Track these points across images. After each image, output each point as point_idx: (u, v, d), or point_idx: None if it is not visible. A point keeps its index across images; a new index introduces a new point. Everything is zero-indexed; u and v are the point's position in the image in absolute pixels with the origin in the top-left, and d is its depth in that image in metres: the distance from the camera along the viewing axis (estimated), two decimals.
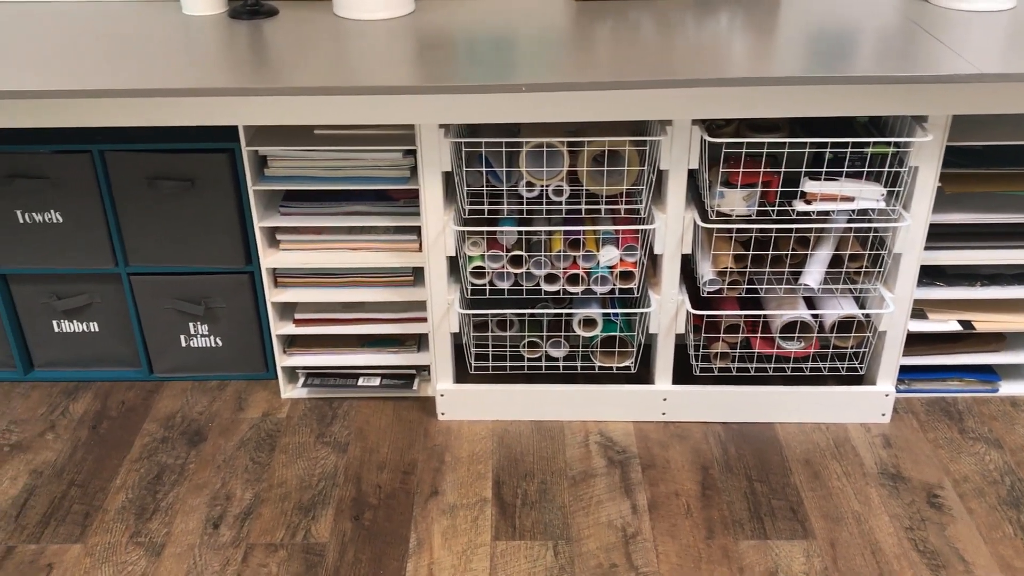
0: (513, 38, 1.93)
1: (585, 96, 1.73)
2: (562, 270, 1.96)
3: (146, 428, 2.12)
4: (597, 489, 1.94)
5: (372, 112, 1.77)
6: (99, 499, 1.94)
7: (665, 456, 2.02)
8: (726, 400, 2.09)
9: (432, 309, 2.05)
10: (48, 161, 2.02)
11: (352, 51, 1.88)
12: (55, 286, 2.18)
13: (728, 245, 1.94)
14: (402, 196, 2.08)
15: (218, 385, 2.26)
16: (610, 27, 1.98)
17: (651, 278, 2.04)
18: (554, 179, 1.89)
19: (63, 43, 1.93)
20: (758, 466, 1.99)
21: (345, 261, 2.07)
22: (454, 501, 1.92)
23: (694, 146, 1.83)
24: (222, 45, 1.92)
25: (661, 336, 2.04)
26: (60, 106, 1.77)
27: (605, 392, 2.10)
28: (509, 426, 2.12)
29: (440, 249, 1.97)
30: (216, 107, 1.77)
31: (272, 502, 1.92)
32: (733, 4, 2.11)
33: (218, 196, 2.04)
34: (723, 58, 1.78)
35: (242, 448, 2.06)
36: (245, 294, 2.17)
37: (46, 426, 2.14)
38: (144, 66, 1.80)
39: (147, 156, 2.01)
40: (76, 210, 2.07)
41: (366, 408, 2.19)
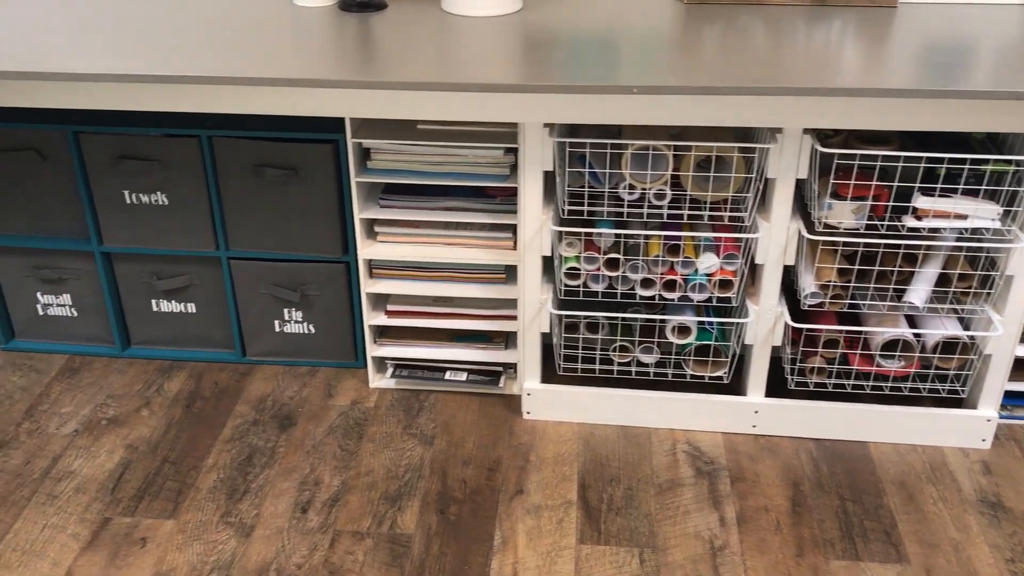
0: (620, 38, 1.91)
1: (696, 100, 1.70)
2: (659, 275, 1.94)
3: (238, 410, 2.16)
4: (684, 499, 1.92)
5: (477, 109, 1.77)
6: (191, 477, 1.98)
7: (755, 469, 1.99)
8: (819, 416, 2.05)
9: (524, 308, 2.04)
10: (157, 144, 2.07)
11: (459, 47, 1.88)
12: (156, 266, 2.24)
13: (833, 258, 1.90)
14: (499, 193, 2.08)
15: (308, 371, 2.29)
16: (719, 31, 1.95)
17: (749, 288, 2.00)
18: (657, 182, 1.87)
19: (176, 29, 1.97)
20: (851, 485, 1.95)
21: (440, 255, 2.08)
22: (539, 501, 1.91)
23: (804, 155, 1.79)
24: (331, 37, 1.94)
25: (757, 347, 2.01)
26: (171, 91, 1.81)
27: (695, 401, 2.07)
28: (595, 429, 2.10)
29: (536, 248, 1.97)
30: (324, 98, 1.79)
31: (359, 490, 1.94)
32: (846, 12, 2.06)
33: (320, 186, 2.07)
34: (836, 67, 1.74)
35: (331, 435, 2.09)
36: (340, 283, 2.19)
37: (142, 402, 2.20)
38: (254, 55, 1.83)
39: (253, 143, 2.04)
40: (181, 193, 2.12)
41: (452, 402, 2.20)
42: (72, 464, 2.01)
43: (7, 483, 1.96)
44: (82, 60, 1.79)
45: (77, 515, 1.88)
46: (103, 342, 2.35)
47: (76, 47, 1.85)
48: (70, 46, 1.86)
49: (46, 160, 2.13)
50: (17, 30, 1.95)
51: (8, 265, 2.28)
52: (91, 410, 2.17)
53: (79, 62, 1.78)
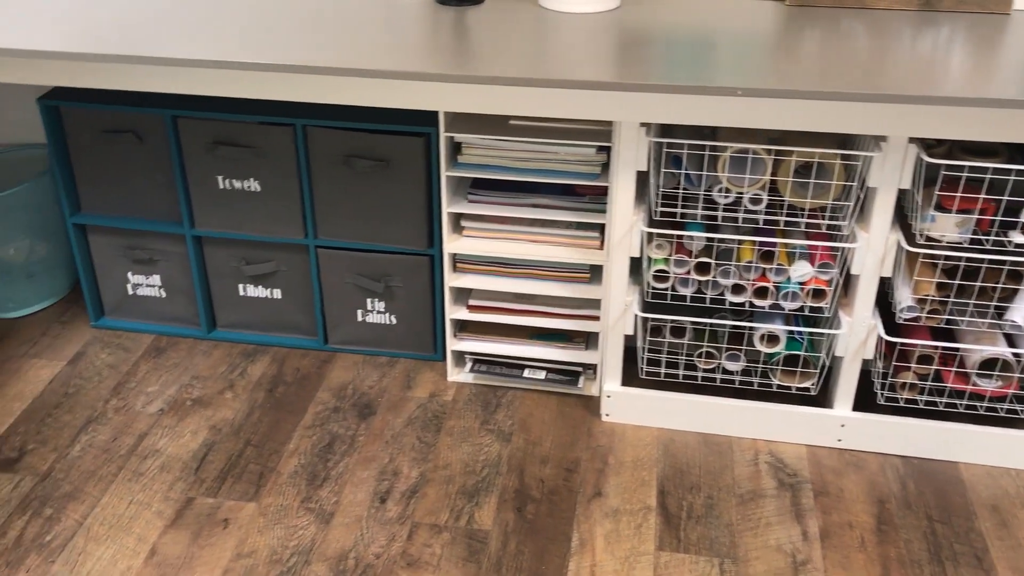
0: (719, 39, 1.88)
1: (801, 104, 1.66)
2: (750, 281, 1.91)
3: (319, 397, 2.18)
4: (766, 510, 1.88)
5: (572, 106, 1.75)
6: (273, 461, 2.00)
7: (839, 484, 1.94)
8: (908, 433, 1.99)
9: (608, 309, 2.03)
10: (253, 131, 2.10)
11: (555, 43, 1.87)
12: (245, 251, 2.27)
13: (932, 272, 1.84)
14: (588, 192, 2.06)
15: (388, 361, 2.31)
16: (821, 34, 1.91)
17: (842, 299, 1.96)
18: (754, 187, 1.83)
19: (275, 18, 1.99)
20: (939, 506, 1.89)
21: (525, 252, 2.07)
22: (617, 505, 1.89)
23: (908, 165, 1.74)
24: (427, 30, 1.94)
25: (847, 360, 1.96)
26: (268, 79, 1.82)
27: (779, 411, 2.03)
28: (675, 435, 2.07)
29: (624, 249, 1.94)
30: (418, 91, 1.79)
31: (437, 483, 1.94)
32: (956, 18, 1.99)
33: (410, 179, 2.07)
34: (945, 75, 1.69)
35: (410, 426, 2.10)
36: (423, 276, 2.20)
37: (225, 385, 2.23)
38: (351, 45, 1.84)
39: (347, 134, 2.06)
40: (273, 180, 2.14)
41: (529, 400, 2.19)
42: (157, 443, 2.05)
43: (95, 458, 2.01)
44: (182, 46, 1.82)
45: (162, 493, 1.92)
46: (189, 324, 2.40)
47: (176, 33, 1.89)
48: (171, 31, 1.89)
49: (144, 143, 2.17)
50: (119, 15, 1.99)
51: (102, 245, 2.34)
52: (176, 390, 2.21)
53: (179, 47, 1.81)
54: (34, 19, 1.94)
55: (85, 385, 2.22)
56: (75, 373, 2.26)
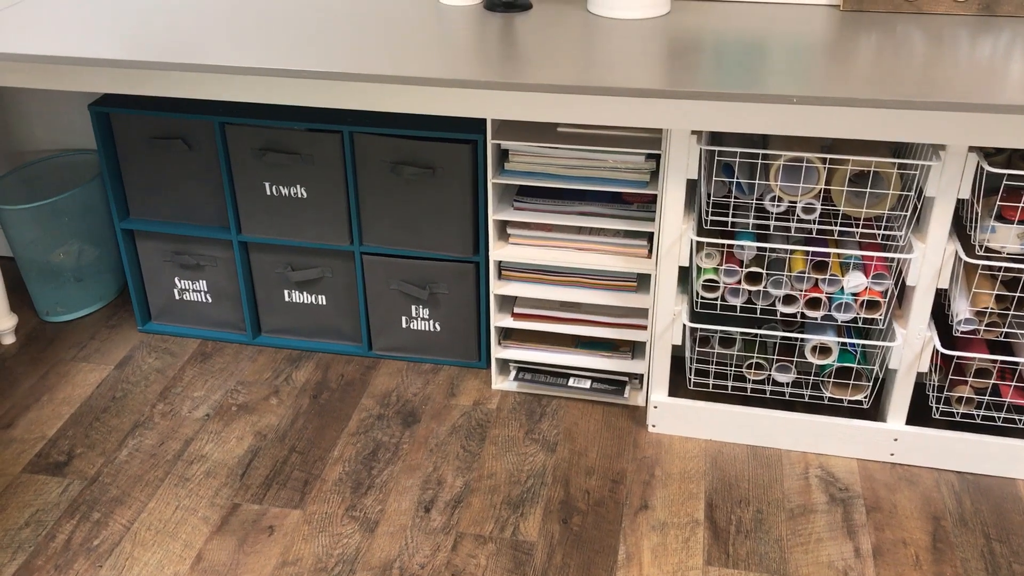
0: (771, 45, 1.85)
1: (856, 112, 1.63)
2: (802, 292, 1.87)
3: (363, 403, 2.18)
4: (817, 526, 1.84)
5: (621, 114, 1.73)
6: (318, 468, 2.00)
7: (892, 500, 1.90)
8: (964, 448, 1.94)
9: (655, 318, 2.00)
10: (300, 138, 2.10)
11: (604, 50, 1.85)
12: (291, 257, 2.27)
13: (991, 284, 1.79)
14: (636, 200, 2.04)
15: (432, 368, 2.30)
16: (877, 40, 1.87)
17: (896, 310, 1.91)
18: (807, 196, 1.80)
19: (322, 25, 1.99)
20: (997, 524, 1.84)
21: (571, 260, 2.05)
22: (665, 518, 1.86)
23: (967, 174, 1.69)
24: (475, 37, 1.93)
25: (901, 373, 1.91)
26: (315, 86, 1.83)
27: (830, 424, 1.99)
28: (723, 447, 2.04)
29: (673, 258, 1.92)
30: (466, 99, 1.78)
31: (482, 493, 1.93)
32: (1017, 23, 1.94)
33: (456, 186, 2.06)
34: (1005, 82, 1.64)
35: (454, 434, 2.08)
36: (468, 283, 2.19)
37: (270, 391, 2.24)
38: (398, 52, 1.83)
39: (394, 141, 2.05)
40: (320, 187, 2.15)
41: (574, 409, 2.17)
42: (203, 448, 2.06)
43: (142, 462, 2.02)
44: (231, 53, 1.82)
45: (208, 499, 1.93)
46: (235, 329, 2.41)
47: (224, 40, 1.89)
48: (219, 39, 1.90)
49: (192, 150, 2.19)
50: (169, 22, 2.00)
51: (149, 249, 2.36)
52: (222, 395, 2.22)
53: (228, 55, 1.81)
54: (86, 27, 1.96)
55: (132, 389, 2.24)
56: (122, 377, 2.28)
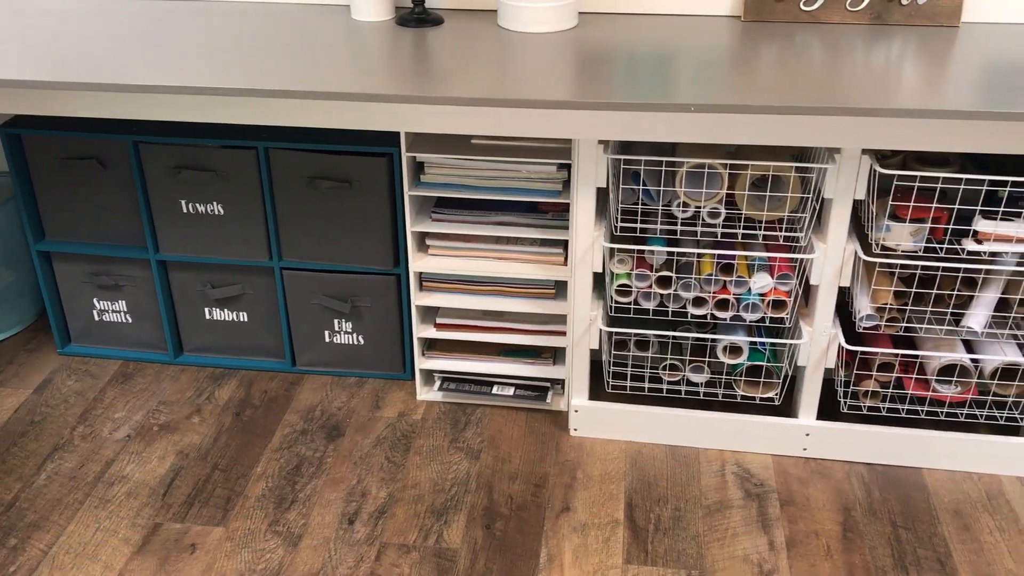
0: (676, 56, 1.91)
1: (754, 119, 1.69)
2: (711, 294, 1.93)
3: (287, 419, 2.18)
4: (733, 521, 1.89)
5: (532, 125, 1.77)
6: (240, 485, 2.00)
7: (805, 493, 1.96)
8: (872, 440, 2.01)
9: (573, 324, 2.04)
10: (215, 155, 2.10)
11: (514, 63, 1.89)
12: (211, 275, 2.27)
13: (889, 281, 1.87)
14: (551, 209, 2.08)
15: (356, 382, 2.31)
16: (777, 49, 1.94)
17: (802, 309, 1.98)
18: (711, 201, 1.86)
19: (237, 43, 2.00)
20: (904, 512, 1.91)
21: (490, 270, 2.08)
22: (585, 519, 1.90)
23: (862, 176, 1.77)
24: (388, 52, 1.96)
25: (809, 369, 1.98)
26: (230, 103, 1.83)
27: (744, 422, 2.05)
28: (643, 448, 2.09)
29: (587, 264, 1.96)
30: (379, 113, 1.80)
31: (406, 503, 1.94)
32: (908, 32, 2.03)
33: (373, 199, 2.08)
34: (897, 87, 1.72)
35: (378, 446, 2.10)
36: (390, 295, 2.20)
37: (193, 409, 2.22)
38: (313, 69, 1.85)
39: (310, 156, 2.07)
40: (237, 203, 2.15)
41: (499, 416, 2.19)
42: (124, 469, 2.04)
43: (61, 486, 1.99)
44: (143, 72, 1.82)
45: (129, 520, 1.91)
46: (156, 349, 2.39)
47: (138, 60, 1.89)
48: (132, 58, 1.90)
49: (107, 169, 2.17)
50: (82, 43, 1.99)
51: (67, 271, 2.33)
52: (144, 416, 2.20)
53: (141, 74, 1.81)
54: None
55: (51, 413, 2.21)
56: (41, 401, 2.25)
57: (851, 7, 2.06)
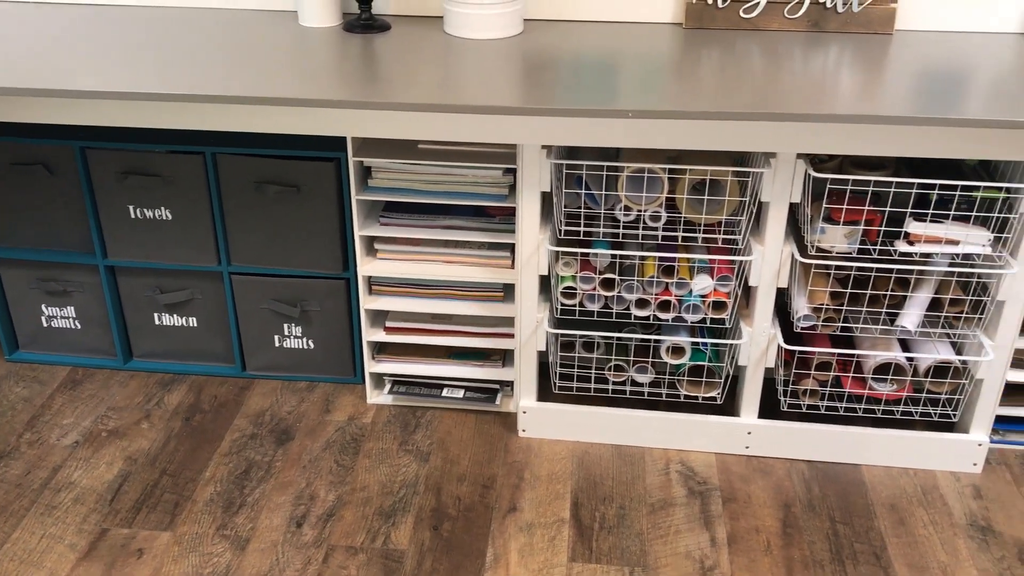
0: (619, 63, 1.94)
1: (691, 124, 1.73)
2: (653, 296, 1.97)
3: (236, 424, 2.19)
4: (676, 519, 1.93)
5: (477, 130, 1.80)
6: (189, 490, 2.00)
7: (747, 490, 2.00)
8: (812, 438, 2.06)
9: (520, 326, 2.07)
10: (162, 160, 2.11)
11: (460, 69, 1.91)
12: (159, 280, 2.27)
13: (825, 282, 1.92)
14: (498, 213, 2.10)
15: (307, 386, 2.32)
16: (717, 56, 1.98)
17: (743, 309, 2.02)
18: (652, 204, 1.89)
19: (185, 49, 2.01)
20: (842, 507, 1.96)
21: (439, 273, 2.10)
22: (532, 519, 1.93)
23: (797, 180, 1.81)
24: (335, 58, 1.98)
25: (750, 369, 2.02)
26: (177, 108, 1.84)
27: (688, 421, 2.09)
28: (589, 448, 2.12)
29: (533, 267, 1.99)
30: (327, 118, 1.82)
31: (354, 505, 1.96)
32: (844, 40, 2.09)
33: (321, 203, 2.10)
34: (832, 93, 1.77)
35: (327, 450, 2.11)
36: (340, 299, 2.22)
37: (142, 415, 2.22)
38: (260, 74, 1.86)
39: (257, 161, 2.07)
40: (185, 208, 2.15)
41: (448, 419, 2.22)
42: (72, 475, 2.03)
43: (6, 493, 1.98)
44: (90, 78, 1.82)
45: (75, 526, 1.90)
46: (106, 355, 2.38)
47: (85, 65, 1.89)
48: (79, 64, 1.90)
49: (54, 175, 2.17)
50: (28, 48, 1.99)
51: (14, 277, 2.32)
52: (92, 422, 2.19)
53: (88, 79, 1.81)
54: None
55: None
56: None
57: (789, 14, 2.12)
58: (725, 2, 2.11)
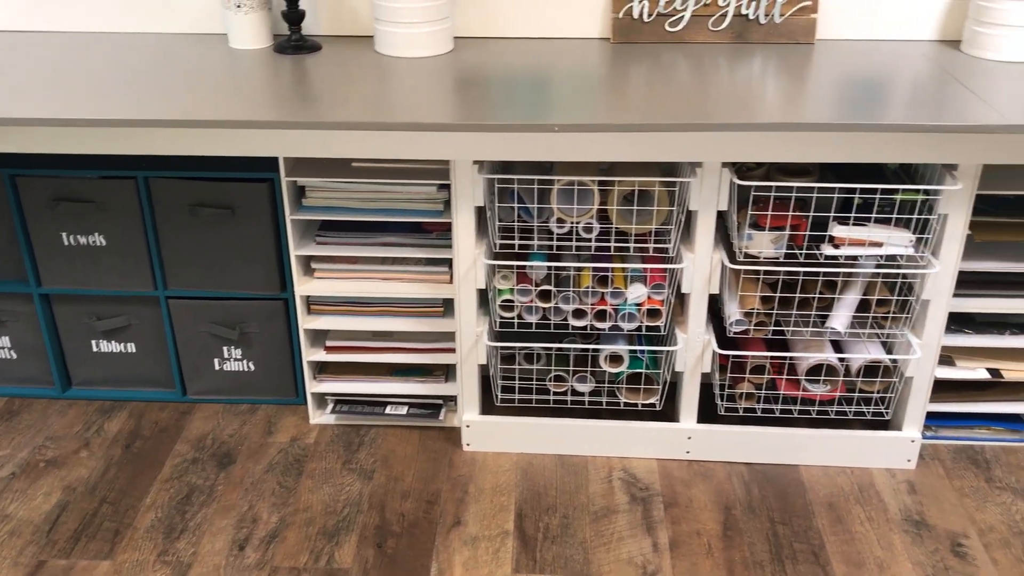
0: (549, 78, 1.97)
1: (617, 137, 1.76)
2: (590, 306, 1.99)
3: (177, 449, 2.17)
4: (619, 525, 1.95)
5: (408, 147, 1.81)
6: (129, 517, 1.97)
7: (688, 495, 2.03)
8: (750, 440, 2.10)
9: (461, 340, 2.08)
10: (94, 186, 2.09)
11: (391, 87, 1.93)
12: (96, 307, 2.24)
13: (755, 286, 1.96)
14: (435, 228, 2.12)
15: (249, 409, 2.30)
16: (645, 69, 2.02)
17: (678, 316, 2.06)
18: (584, 216, 1.92)
19: (115, 74, 2.00)
20: (781, 508, 1.99)
21: (377, 291, 2.11)
22: (476, 532, 1.93)
23: (723, 188, 1.85)
24: (266, 79, 1.98)
25: (687, 374, 2.06)
26: (109, 134, 1.83)
27: (629, 429, 2.11)
28: (533, 459, 2.13)
29: (471, 282, 2.00)
30: (258, 139, 1.82)
31: (297, 526, 1.95)
32: (767, 50, 2.14)
33: (256, 224, 2.09)
34: (756, 103, 1.81)
35: (270, 472, 2.10)
36: (279, 320, 2.21)
37: (81, 443, 2.19)
38: (191, 98, 1.86)
39: (189, 184, 2.07)
40: (119, 234, 2.14)
41: (392, 436, 2.22)
42: (7, 508, 2.00)
43: None
44: (19, 105, 1.81)
45: (11, 559, 1.87)
46: (43, 384, 2.35)
47: (13, 92, 1.87)
48: (6, 92, 1.88)
49: None
50: None
51: None
52: (29, 452, 2.16)
53: (16, 107, 1.80)
54: None
55: None
56: None
57: (713, 27, 2.16)
58: (651, 17, 2.16)
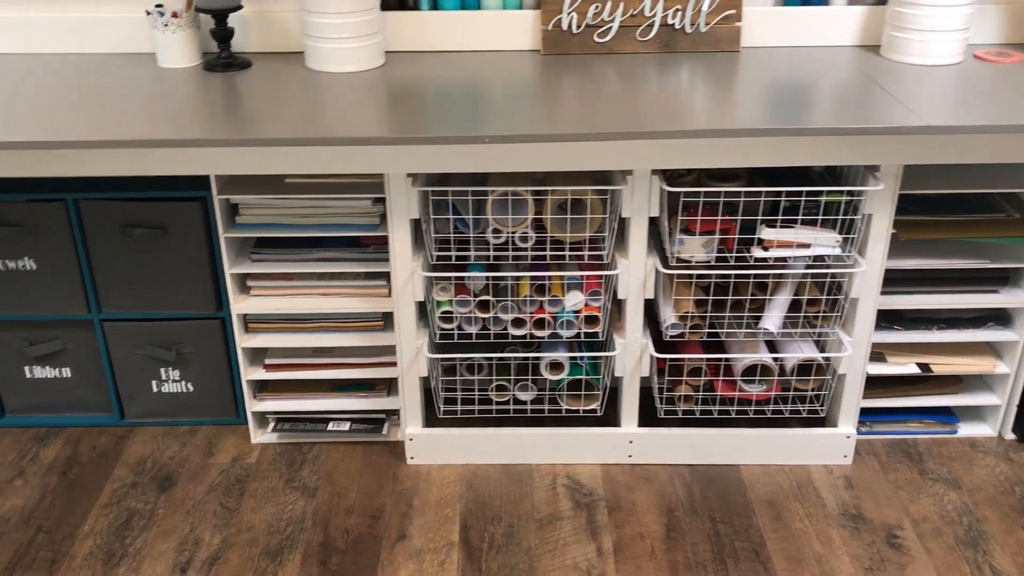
0: (481, 90, 1.99)
1: (547, 147, 1.78)
2: (529, 315, 2.00)
3: (116, 473, 2.13)
4: (563, 532, 1.96)
5: (342, 162, 1.81)
6: (66, 545, 1.94)
7: (631, 498, 2.05)
8: (691, 442, 2.13)
9: (401, 354, 2.08)
10: (22, 209, 2.06)
11: (323, 103, 1.93)
12: (28, 332, 2.20)
13: (689, 290, 1.99)
14: (372, 242, 2.12)
15: (189, 430, 2.28)
16: (575, 80, 2.04)
17: (616, 322, 2.08)
18: (520, 226, 1.94)
19: (42, 95, 1.97)
20: (722, 508, 2.02)
21: (315, 307, 2.10)
22: (421, 545, 1.93)
23: (654, 195, 1.88)
24: (196, 97, 1.97)
25: (626, 379, 2.08)
26: (37, 156, 1.80)
27: (572, 435, 2.13)
28: (478, 470, 2.14)
29: (409, 294, 2.01)
30: (189, 157, 1.81)
31: (240, 547, 1.93)
32: (694, 58, 2.18)
33: (190, 243, 2.08)
34: (684, 110, 1.85)
35: (211, 493, 2.07)
36: (216, 340, 2.19)
37: (15, 472, 2.15)
38: (120, 118, 1.84)
39: (120, 204, 2.04)
40: (50, 257, 2.10)
41: (336, 453, 2.21)
42: None
43: None
44: None
45: None
46: None
47: None
48: None
49: None
50: None
51: None
52: None
53: None
54: None
55: None
56: None
57: (641, 37, 2.20)
58: (579, 28, 2.19)
